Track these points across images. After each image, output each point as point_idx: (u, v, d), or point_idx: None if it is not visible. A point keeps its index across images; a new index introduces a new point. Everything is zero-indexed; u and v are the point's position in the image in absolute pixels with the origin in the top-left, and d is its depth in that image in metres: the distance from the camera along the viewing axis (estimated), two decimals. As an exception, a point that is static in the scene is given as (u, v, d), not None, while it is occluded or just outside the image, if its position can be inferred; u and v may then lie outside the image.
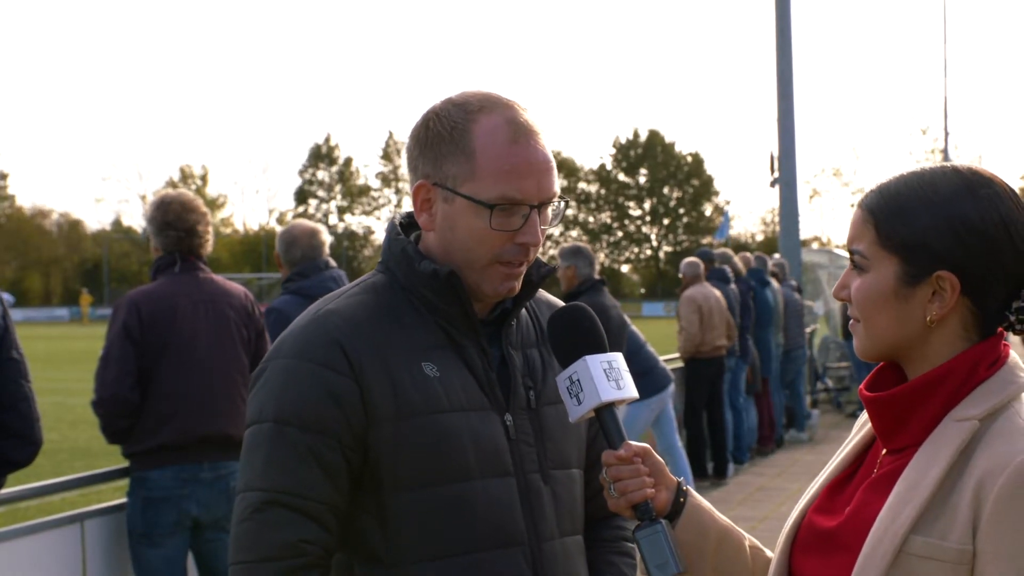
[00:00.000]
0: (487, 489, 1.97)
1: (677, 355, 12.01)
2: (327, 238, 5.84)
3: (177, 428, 4.50)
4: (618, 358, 1.88)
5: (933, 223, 1.65)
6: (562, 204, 2.03)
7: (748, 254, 12.95)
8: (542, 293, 2.21)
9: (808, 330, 15.82)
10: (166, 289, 4.65)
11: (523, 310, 2.14)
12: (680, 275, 10.83)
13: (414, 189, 2.02)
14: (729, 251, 12.21)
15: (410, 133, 2.06)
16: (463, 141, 1.97)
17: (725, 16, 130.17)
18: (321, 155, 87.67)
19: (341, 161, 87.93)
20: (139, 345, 4.51)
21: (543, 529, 2.02)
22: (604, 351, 1.88)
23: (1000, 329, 1.69)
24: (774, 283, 12.74)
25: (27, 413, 3.71)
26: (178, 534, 4.53)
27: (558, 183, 2.03)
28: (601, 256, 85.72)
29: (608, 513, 2.17)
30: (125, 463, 4.66)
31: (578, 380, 1.85)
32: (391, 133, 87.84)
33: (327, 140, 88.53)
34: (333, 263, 5.75)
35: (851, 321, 1.74)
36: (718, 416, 10.88)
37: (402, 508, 1.94)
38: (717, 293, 10.70)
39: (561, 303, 2.19)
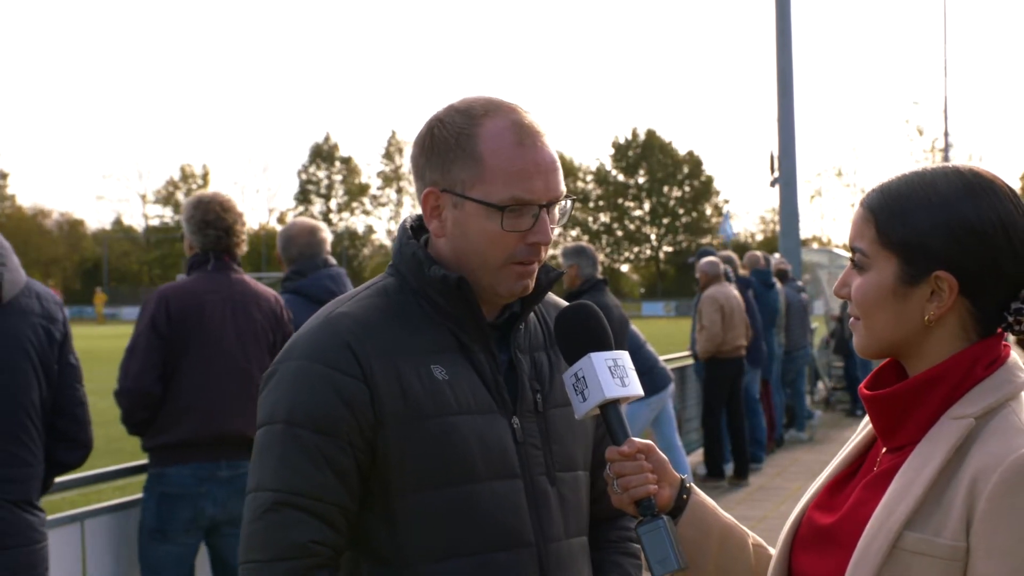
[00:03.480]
0: (494, 491, 1.98)
1: (678, 355, 12.04)
2: (328, 236, 5.82)
3: (196, 423, 4.51)
4: (623, 356, 1.90)
5: (932, 223, 1.65)
6: (569, 203, 2.06)
7: (757, 253, 12.94)
8: (550, 296, 2.23)
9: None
10: (197, 286, 4.68)
11: (531, 313, 2.15)
12: (699, 274, 10.83)
13: (423, 197, 2.04)
14: (731, 253, 12.22)
15: (414, 141, 2.08)
16: (470, 146, 1.98)
17: (725, 16, 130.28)
18: (322, 154, 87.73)
19: (342, 160, 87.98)
20: (165, 339, 4.53)
21: (550, 531, 2.03)
22: (609, 349, 1.89)
23: (999, 330, 1.69)
24: (778, 284, 12.75)
25: (82, 417, 3.79)
26: (192, 532, 4.54)
27: (564, 182, 2.05)
28: (601, 256, 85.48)
29: (614, 514, 2.19)
30: (125, 463, 4.67)
31: (583, 377, 1.87)
32: (393, 132, 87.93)
33: (327, 139, 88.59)
34: (333, 261, 5.74)
35: (851, 319, 1.75)
36: (737, 417, 10.88)
37: (409, 509, 1.95)
38: (737, 294, 10.70)
39: (566, 304, 2.20)
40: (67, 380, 3.76)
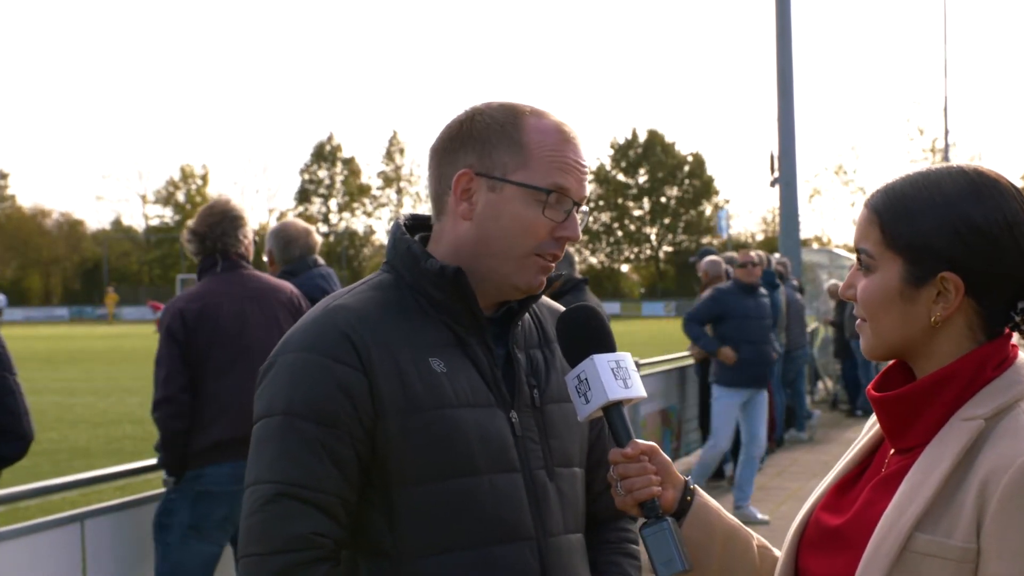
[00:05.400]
0: (494, 484, 1.97)
1: (678, 355, 12.03)
2: (318, 238, 5.89)
3: (230, 425, 4.51)
4: (626, 357, 1.89)
5: (937, 224, 1.65)
6: (586, 210, 2.10)
7: (761, 253, 12.94)
8: (543, 297, 2.23)
9: (808, 329, 15.83)
10: (209, 289, 4.69)
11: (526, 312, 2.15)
12: (701, 274, 10.83)
13: (456, 178, 2.03)
14: (735, 254, 12.23)
15: (446, 129, 2.07)
16: (516, 134, 2.01)
17: (725, 15, 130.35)
18: (324, 154, 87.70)
19: (344, 160, 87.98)
20: (184, 346, 4.54)
21: (549, 524, 2.03)
22: (612, 350, 1.89)
23: (1007, 330, 1.69)
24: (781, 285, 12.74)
25: (13, 407, 3.67)
26: (226, 530, 4.54)
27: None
28: (601, 256, 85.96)
29: (611, 515, 2.20)
30: (125, 463, 4.65)
31: (586, 379, 1.86)
32: (395, 132, 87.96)
33: (330, 139, 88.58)
34: (322, 261, 5.77)
35: (858, 321, 1.74)
36: None
37: (409, 502, 1.94)
38: None
39: (561, 307, 2.22)
40: None
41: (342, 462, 1.92)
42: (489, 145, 2.01)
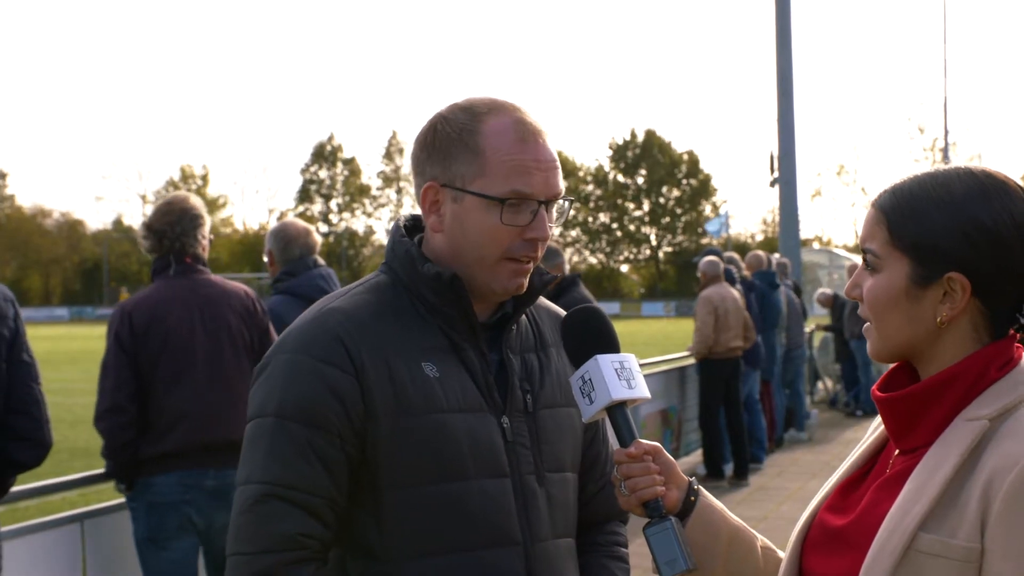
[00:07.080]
0: (483, 489, 1.98)
1: (678, 355, 12.04)
2: (318, 238, 5.84)
3: (180, 436, 4.42)
4: (630, 358, 1.90)
5: (945, 225, 1.65)
6: (567, 204, 2.07)
7: (761, 254, 12.93)
8: (542, 300, 2.23)
9: (808, 330, 15.84)
10: (160, 295, 4.55)
11: (522, 315, 2.15)
12: (699, 274, 10.83)
13: (423, 191, 2.05)
14: (734, 254, 12.23)
15: (416, 138, 2.09)
16: (472, 141, 2.00)
17: (724, 15, 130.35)
18: (324, 154, 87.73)
19: (344, 160, 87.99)
20: (132, 355, 4.42)
21: (538, 530, 2.03)
22: (616, 351, 1.89)
23: (1012, 331, 1.69)
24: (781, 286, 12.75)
25: (38, 416, 3.70)
26: (184, 537, 4.45)
27: (563, 183, 2.06)
28: (601, 256, 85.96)
29: (603, 518, 2.21)
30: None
31: (590, 380, 1.86)
32: (394, 132, 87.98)
33: (331, 139, 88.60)
34: (322, 261, 5.72)
35: (865, 325, 1.74)
36: (735, 417, 10.87)
37: (397, 505, 1.95)
38: (735, 294, 10.69)
39: (559, 309, 2.22)
40: (21, 378, 3.67)
41: (331, 464, 1.93)
42: (449, 156, 2.01)
